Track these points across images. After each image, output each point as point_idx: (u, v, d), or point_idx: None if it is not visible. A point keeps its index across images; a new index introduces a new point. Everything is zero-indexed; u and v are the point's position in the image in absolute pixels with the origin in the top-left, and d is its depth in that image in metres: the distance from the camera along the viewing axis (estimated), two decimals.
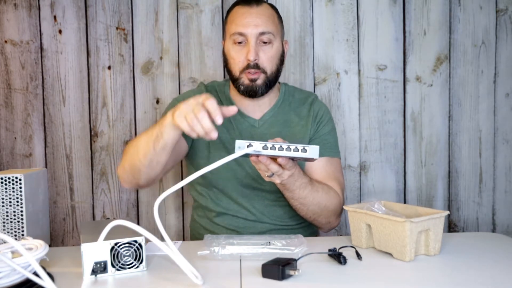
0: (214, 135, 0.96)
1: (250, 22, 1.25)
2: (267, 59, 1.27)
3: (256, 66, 1.25)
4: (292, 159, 1.03)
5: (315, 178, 1.28)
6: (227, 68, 1.33)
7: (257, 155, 0.99)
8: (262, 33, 1.25)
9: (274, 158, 1.02)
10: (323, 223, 1.29)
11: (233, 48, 1.28)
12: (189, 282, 0.88)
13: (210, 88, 1.41)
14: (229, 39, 1.29)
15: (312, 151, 0.96)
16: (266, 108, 1.36)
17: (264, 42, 1.26)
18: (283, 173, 1.05)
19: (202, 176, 1.35)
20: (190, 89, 1.44)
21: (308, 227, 1.39)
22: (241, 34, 1.25)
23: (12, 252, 0.85)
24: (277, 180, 1.07)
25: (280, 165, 1.03)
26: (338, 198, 1.28)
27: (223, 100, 1.38)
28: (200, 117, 0.95)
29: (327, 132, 1.37)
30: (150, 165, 1.15)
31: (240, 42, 1.26)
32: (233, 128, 1.33)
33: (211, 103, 0.95)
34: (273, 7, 1.33)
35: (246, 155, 0.99)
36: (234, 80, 1.30)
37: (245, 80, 1.27)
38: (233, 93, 1.37)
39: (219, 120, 0.95)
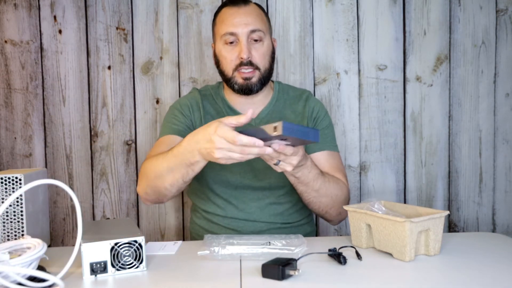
0: (269, 150, 0.96)
1: (240, 21, 1.26)
2: (260, 56, 1.28)
3: (250, 63, 1.27)
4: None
5: None
6: (219, 69, 1.33)
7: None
8: (253, 31, 1.26)
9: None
10: (335, 215, 1.27)
11: (225, 48, 1.29)
12: (189, 282, 0.88)
13: (204, 92, 1.41)
14: (219, 40, 1.30)
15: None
16: (261, 106, 1.37)
17: (255, 40, 1.27)
18: (288, 158, 1.01)
19: (198, 179, 1.36)
20: (184, 95, 1.43)
21: (308, 225, 1.39)
22: (232, 34, 1.26)
23: (10, 253, 0.85)
24: (287, 168, 1.03)
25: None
26: (346, 188, 1.28)
27: (218, 101, 1.38)
28: (239, 157, 0.96)
29: (325, 127, 1.37)
30: (178, 190, 1.18)
31: (231, 42, 1.27)
32: None
33: (241, 138, 0.93)
34: (259, 6, 1.34)
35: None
36: (227, 80, 1.31)
37: (238, 79, 1.28)
38: (228, 94, 1.37)
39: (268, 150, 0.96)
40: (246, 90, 1.29)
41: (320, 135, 1.34)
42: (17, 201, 1.13)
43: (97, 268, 0.90)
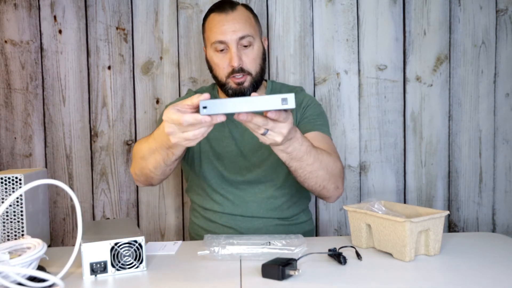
0: (220, 118, 0.87)
1: (228, 28, 1.26)
2: (250, 62, 1.29)
3: (241, 70, 1.27)
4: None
5: None
6: (212, 74, 1.35)
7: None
8: (242, 38, 1.27)
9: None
10: (332, 189, 1.20)
11: (216, 56, 1.30)
12: (189, 282, 0.88)
13: (198, 92, 1.43)
14: (210, 47, 1.31)
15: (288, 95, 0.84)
16: None
17: (245, 46, 1.28)
18: (277, 126, 0.92)
19: (196, 175, 1.37)
20: (181, 97, 1.45)
21: (306, 224, 1.40)
22: (221, 42, 1.27)
23: (10, 253, 0.85)
24: (277, 138, 0.93)
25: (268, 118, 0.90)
26: (339, 160, 1.23)
27: None
28: (192, 135, 0.90)
29: (315, 113, 1.36)
30: (163, 173, 1.18)
31: (221, 50, 1.28)
32: (224, 127, 1.35)
33: (186, 118, 0.87)
34: (247, 7, 1.34)
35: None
36: (221, 85, 1.32)
37: (232, 84, 1.30)
38: (222, 95, 1.39)
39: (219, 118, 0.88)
40: (240, 95, 1.31)
41: (310, 119, 1.35)
42: (17, 201, 1.13)
43: (97, 268, 0.90)
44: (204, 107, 0.85)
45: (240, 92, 1.30)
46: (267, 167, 1.32)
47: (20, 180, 1.13)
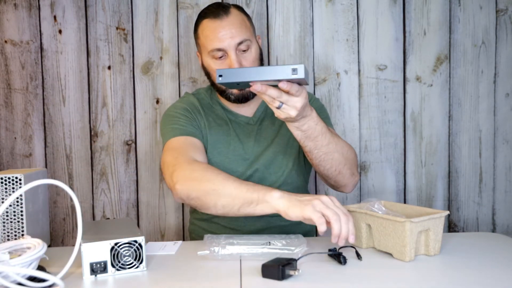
0: (352, 239, 0.94)
1: (225, 35, 1.23)
2: (250, 65, 1.27)
3: None
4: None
5: None
6: (210, 81, 1.33)
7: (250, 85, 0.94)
8: (240, 43, 1.24)
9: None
10: (348, 175, 1.21)
11: (214, 63, 1.27)
12: (189, 282, 0.88)
13: (197, 96, 1.40)
14: (207, 55, 1.28)
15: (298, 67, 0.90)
16: (257, 104, 1.38)
17: (243, 51, 1.26)
18: (291, 99, 0.96)
19: None
20: (177, 101, 1.41)
21: (307, 224, 1.39)
22: (219, 49, 1.24)
23: (10, 253, 0.85)
24: (291, 112, 0.97)
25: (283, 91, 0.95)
26: (353, 149, 1.24)
27: (214, 105, 1.38)
28: (344, 219, 0.94)
29: (318, 108, 1.36)
30: (224, 214, 1.07)
31: (220, 57, 1.26)
32: (229, 129, 1.34)
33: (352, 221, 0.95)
34: (239, 9, 1.31)
35: (236, 84, 0.95)
36: (221, 92, 1.32)
37: (233, 90, 1.29)
38: (221, 99, 1.37)
39: (351, 239, 0.94)
40: (243, 99, 1.31)
41: None
42: (17, 201, 1.13)
43: (97, 268, 0.90)
44: (220, 76, 0.92)
45: (242, 97, 1.30)
46: (270, 168, 1.32)
47: (20, 180, 1.13)
